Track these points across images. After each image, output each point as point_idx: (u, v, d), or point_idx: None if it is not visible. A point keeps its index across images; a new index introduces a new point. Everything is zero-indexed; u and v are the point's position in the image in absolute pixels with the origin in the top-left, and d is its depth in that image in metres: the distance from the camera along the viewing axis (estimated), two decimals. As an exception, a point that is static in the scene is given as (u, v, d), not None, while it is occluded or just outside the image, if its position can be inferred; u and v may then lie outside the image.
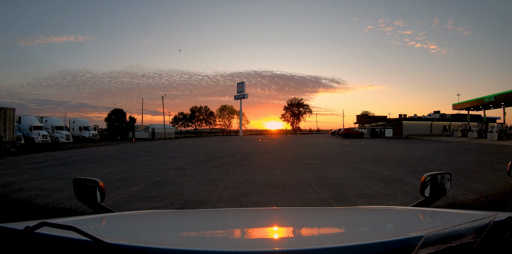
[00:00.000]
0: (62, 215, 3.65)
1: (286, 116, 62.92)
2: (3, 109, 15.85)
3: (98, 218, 1.19)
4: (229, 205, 4.55)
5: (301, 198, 4.85)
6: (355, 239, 0.73)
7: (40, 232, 0.69)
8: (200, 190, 5.59)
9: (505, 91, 24.91)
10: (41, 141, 24.19)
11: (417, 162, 9.78)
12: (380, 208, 2.03)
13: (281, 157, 12.26)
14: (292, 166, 8.94)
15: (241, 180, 6.62)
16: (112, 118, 44.39)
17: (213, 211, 1.85)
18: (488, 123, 33.46)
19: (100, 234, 0.70)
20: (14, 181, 6.68)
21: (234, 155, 13.27)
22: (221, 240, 0.94)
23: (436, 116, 46.62)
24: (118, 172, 7.92)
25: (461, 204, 4.33)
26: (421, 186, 1.30)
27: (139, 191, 5.59)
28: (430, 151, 14.47)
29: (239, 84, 57.21)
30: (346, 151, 15.14)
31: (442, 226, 0.66)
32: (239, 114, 57.93)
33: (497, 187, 5.53)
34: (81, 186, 1.34)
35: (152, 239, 0.95)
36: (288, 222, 1.19)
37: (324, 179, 6.57)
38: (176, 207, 4.40)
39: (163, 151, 16.20)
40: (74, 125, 32.82)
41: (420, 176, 1.37)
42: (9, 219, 0.97)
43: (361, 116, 53.28)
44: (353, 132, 37.28)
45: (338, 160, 10.64)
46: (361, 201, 4.61)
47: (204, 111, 59.72)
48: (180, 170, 8.27)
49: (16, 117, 19.85)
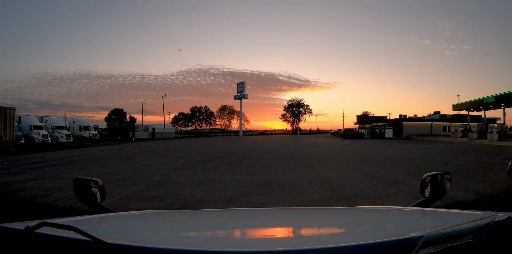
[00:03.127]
0: (62, 215, 3.65)
1: (286, 116, 62.96)
2: (3, 108, 15.86)
3: (98, 218, 1.19)
4: (229, 205, 4.55)
5: (301, 198, 4.85)
6: (355, 239, 0.73)
7: (40, 232, 0.69)
8: (200, 190, 5.59)
9: (505, 92, 24.90)
10: (41, 140, 24.19)
11: (417, 162, 9.78)
12: (380, 208, 2.03)
13: (281, 157, 12.26)
14: (292, 166, 8.93)
15: (241, 180, 6.62)
16: (112, 118, 44.41)
17: (213, 211, 1.85)
18: (488, 124, 33.48)
19: (100, 234, 0.70)
20: (14, 181, 6.68)
21: (234, 155, 13.27)
22: (221, 240, 0.94)
23: (436, 116, 46.65)
24: (118, 172, 7.92)
25: (461, 204, 4.33)
26: (421, 186, 1.31)
27: (139, 191, 5.59)
28: (430, 152, 14.47)
29: (239, 84, 57.14)
30: (346, 151, 15.14)
31: (442, 226, 0.66)
32: (239, 114, 57.95)
33: (497, 188, 5.53)
34: (81, 186, 1.34)
35: (152, 239, 0.95)
36: (288, 222, 1.19)
37: (324, 179, 6.57)
38: (176, 207, 4.40)
39: (163, 151, 16.20)
40: (74, 125, 32.85)
41: (420, 176, 1.37)
42: (9, 219, 0.98)
43: (361, 117, 53.32)
44: (353, 132, 37.30)
45: (338, 160, 10.63)
46: (361, 201, 4.61)
47: (204, 112, 59.76)
48: (180, 170, 8.27)
49: (16, 116, 19.86)
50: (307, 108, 62.44)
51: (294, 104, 62.27)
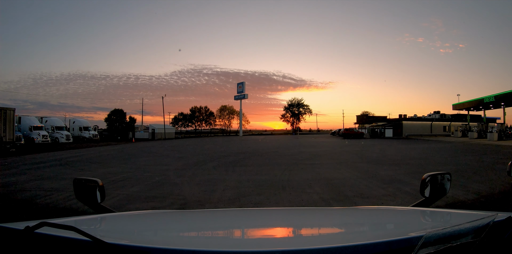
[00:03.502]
0: (62, 215, 3.65)
1: (286, 116, 62.97)
2: (3, 109, 15.85)
3: (98, 218, 1.19)
4: (229, 205, 4.55)
5: (301, 198, 4.85)
6: (355, 239, 0.73)
7: (40, 232, 0.69)
8: (200, 190, 5.59)
9: (505, 92, 24.91)
10: (41, 141, 24.16)
11: (417, 162, 9.78)
12: (380, 208, 2.03)
13: (281, 157, 12.25)
14: (292, 166, 8.93)
15: (241, 180, 6.62)
16: (112, 118, 44.37)
17: (213, 211, 1.85)
18: (488, 123, 33.50)
19: (100, 234, 0.70)
20: (14, 181, 6.68)
21: (234, 155, 13.27)
22: (221, 240, 0.94)
23: (436, 116, 46.67)
24: (118, 172, 7.92)
25: (461, 204, 4.33)
26: (421, 186, 1.31)
27: (139, 191, 5.59)
28: (430, 151, 14.47)
29: (239, 84, 57.12)
30: (346, 151, 15.14)
31: (442, 226, 0.66)
32: (239, 114, 57.95)
33: (497, 187, 5.53)
34: (81, 186, 1.34)
35: (152, 239, 0.95)
36: (288, 222, 1.19)
37: (324, 179, 6.57)
38: (176, 207, 4.40)
39: (163, 151, 16.20)
40: (74, 125, 32.81)
41: (420, 176, 1.37)
42: (9, 219, 0.98)
43: (361, 117, 53.35)
44: (353, 132, 37.30)
45: (338, 160, 10.63)
46: (361, 201, 4.61)
47: (204, 112, 59.74)
48: (180, 170, 8.27)
49: (16, 117, 19.84)
50: (307, 108, 62.51)
51: (294, 104, 62.31)
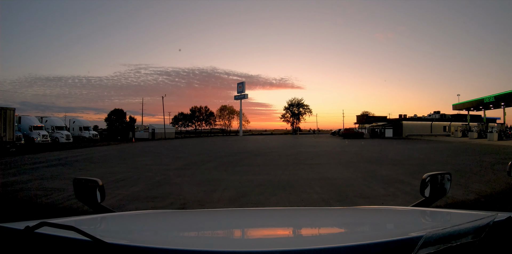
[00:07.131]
0: (63, 215, 3.65)
1: (286, 116, 62.97)
2: (3, 109, 15.85)
3: (98, 218, 1.19)
4: (229, 205, 4.55)
5: (302, 198, 4.85)
6: (355, 239, 0.73)
7: (40, 232, 0.69)
8: (200, 190, 5.59)
9: (505, 92, 24.93)
10: (41, 141, 24.15)
11: (417, 162, 9.78)
12: (380, 208, 2.03)
13: (281, 157, 12.26)
14: (292, 166, 8.93)
15: (241, 180, 6.62)
16: (112, 118, 44.36)
17: (213, 211, 1.85)
18: (488, 123, 33.49)
19: (100, 234, 0.70)
20: (14, 181, 6.68)
21: (234, 154, 13.27)
22: (221, 240, 0.94)
23: (436, 116, 46.61)
24: (118, 172, 7.92)
25: (461, 204, 4.33)
26: (421, 186, 1.30)
27: (139, 191, 5.59)
28: (430, 151, 14.47)
29: (239, 84, 57.08)
30: (346, 151, 15.15)
31: (442, 226, 0.66)
32: (239, 114, 57.94)
33: (497, 187, 5.53)
34: (81, 186, 1.34)
35: (152, 239, 0.95)
36: (288, 222, 1.18)
37: (324, 179, 6.57)
38: (176, 207, 4.40)
39: (163, 151, 16.20)
40: (74, 125, 32.84)
41: (420, 176, 1.37)
42: (9, 219, 0.98)
43: (361, 117, 53.24)
44: (353, 132, 37.29)
45: (338, 160, 10.64)
46: (361, 201, 4.61)
47: (204, 112, 59.74)
48: (180, 170, 8.27)
49: (16, 117, 19.85)
50: (307, 108, 62.51)
51: (294, 104, 62.32)
